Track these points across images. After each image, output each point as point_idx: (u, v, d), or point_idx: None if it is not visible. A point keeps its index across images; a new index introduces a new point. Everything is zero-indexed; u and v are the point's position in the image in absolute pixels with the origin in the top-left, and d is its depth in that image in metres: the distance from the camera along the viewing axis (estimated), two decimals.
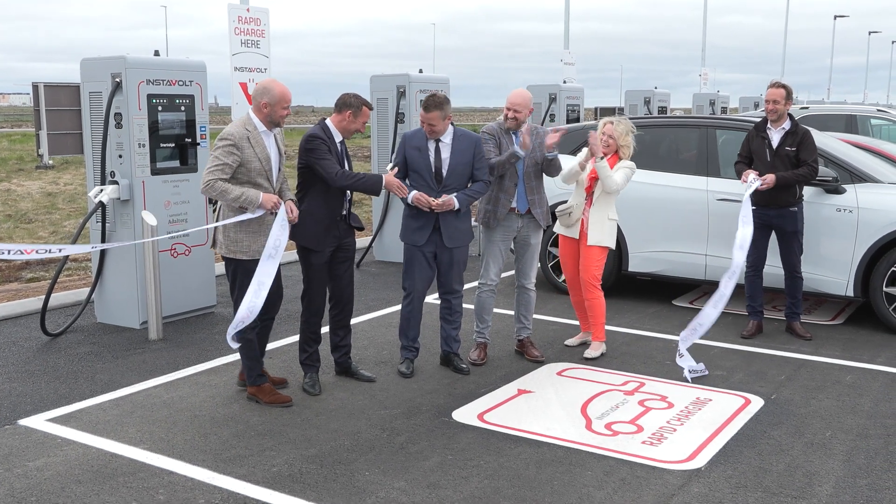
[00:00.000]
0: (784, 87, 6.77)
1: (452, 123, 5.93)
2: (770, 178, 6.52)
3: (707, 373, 6.04)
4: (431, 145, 5.83)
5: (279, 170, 5.37)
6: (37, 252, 5.85)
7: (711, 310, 6.17)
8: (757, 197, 6.62)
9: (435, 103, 5.70)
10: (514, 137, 6.10)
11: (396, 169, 5.68)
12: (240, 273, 5.28)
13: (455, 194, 5.76)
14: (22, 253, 5.44)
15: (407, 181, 5.80)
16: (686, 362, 6.09)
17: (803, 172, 6.62)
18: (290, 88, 5.24)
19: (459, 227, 5.92)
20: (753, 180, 6.55)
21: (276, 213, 5.21)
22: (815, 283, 7.29)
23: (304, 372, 5.78)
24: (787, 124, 6.77)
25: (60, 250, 6.54)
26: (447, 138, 5.85)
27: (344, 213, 5.67)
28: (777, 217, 6.72)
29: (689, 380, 5.96)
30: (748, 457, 4.69)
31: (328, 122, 5.56)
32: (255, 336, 5.33)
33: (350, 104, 5.51)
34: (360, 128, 5.59)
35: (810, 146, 6.69)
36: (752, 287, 7.05)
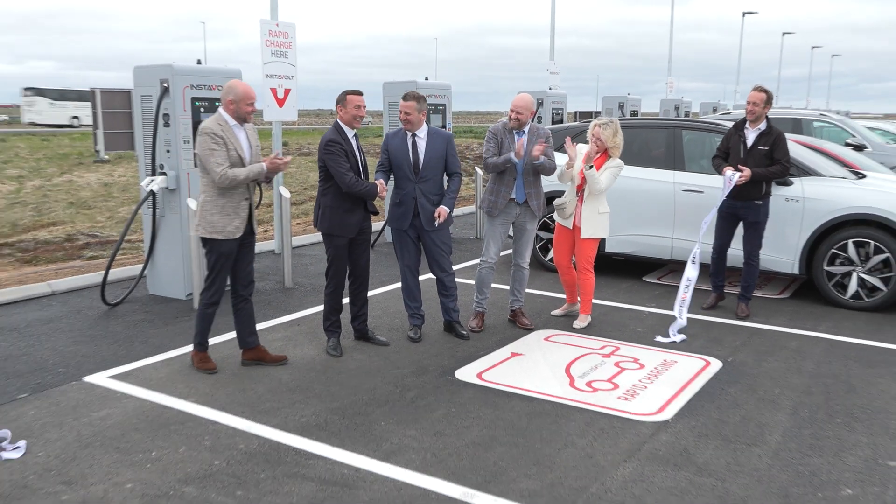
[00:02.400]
0: (765, 91, 6.56)
1: (427, 122, 5.94)
2: (747, 172, 6.39)
3: (679, 341, 6.06)
4: (409, 140, 5.81)
5: (250, 159, 5.16)
6: None
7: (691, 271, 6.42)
8: (730, 190, 6.58)
9: (413, 96, 5.72)
10: (515, 136, 6.08)
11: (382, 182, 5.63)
12: (213, 252, 5.11)
13: (443, 202, 5.83)
14: None
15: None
16: (675, 327, 6.20)
17: (775, 170, 6.51)
18: (313, 94, 5.27)
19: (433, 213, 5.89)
20: (732, 175, 6.43)
21: (275, 171, 5.20)
22: (767, 263, 7.29)
23: (328, 337, 5.78)
24: (763, 125, 6.60)
25: None
26: (422, 134, 5.83)
27: (364, 203, 5.66)
28: (744, 208, 6.65)
29: (672, 334, 6.12)
30: (708, 410, 4.71)
31: (338, 121, 5.56)
32: (213, 312, 5.25)
33: (338, 100, 5.54)
34: (357, 113, 5.52)
35: (783, 146, 6.54)
36: (716, 267, 7.03)
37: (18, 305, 6.92)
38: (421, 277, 6.14)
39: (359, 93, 5.54)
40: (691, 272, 6.37)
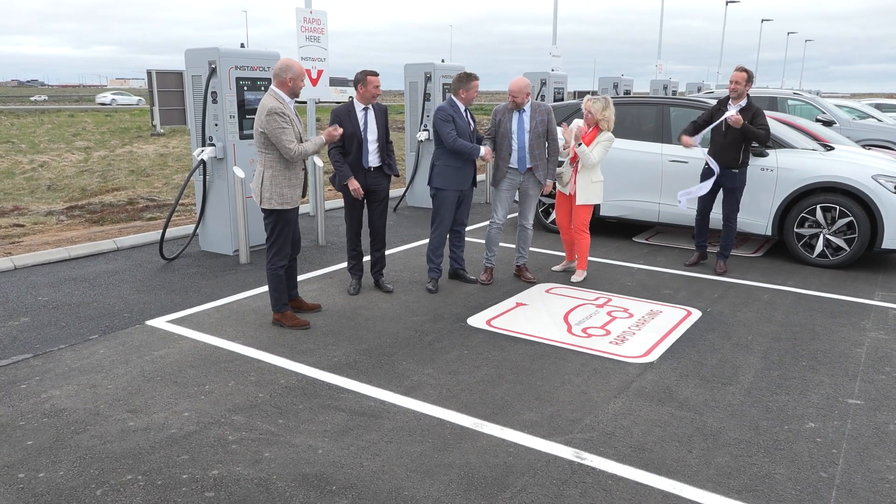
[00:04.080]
0: (746, 71, 6.40)
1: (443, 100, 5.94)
2: (739, 117, 6.24)
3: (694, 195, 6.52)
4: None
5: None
6: None
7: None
8: (713, 156, 6.50)
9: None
10: (515, 115, 5.99)
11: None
12: (280, 221, 4.93)
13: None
14: None
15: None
16: (683, 197, 6.55)
17: (758, 132, 6.33)
18: (340, 76, 5.13)
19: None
20: (728, 114, 6.30)
21: (331, 142, 5.13)
22: (744, 226, 7.21)
23: (350, 277, 5.95)
24: (743, 102, 6.44)
25: None
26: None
27: (369, 166, 5.61)
28: (722, 176, 6.55)
29: (682, 202, 6.56)
30: (689, 354, 4.70)
31: (354, 98, 5.60)
32: (284, 273, 5.08)
33: (358, 80, 5.50)
34: (374, 92, 5.49)
35: (762, 117, 6.41)
36: (699, 228, 6.95)
37: (89, 259, 6.98)
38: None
39: (376, 73, 5.53)
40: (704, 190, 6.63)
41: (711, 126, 6.55)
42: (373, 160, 5.65)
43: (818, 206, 6.88)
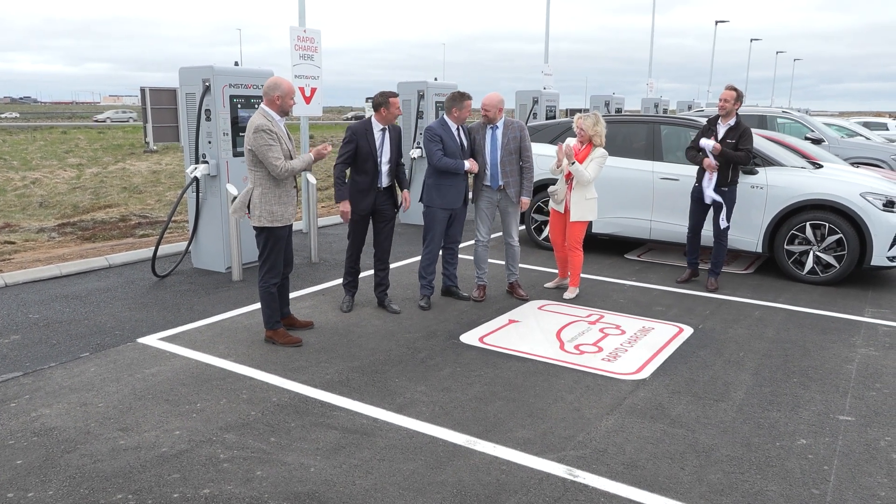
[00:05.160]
0: (736, 90, 6.47)
1: (435, 117, 5.99)
2: (718, 145, 6.37)
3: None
4: (462, 132, 5.91)
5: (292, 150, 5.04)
6: None
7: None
8: (701, 176, 6.55)
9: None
10: (488, 131, 6.01)
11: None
12: (271, 239, 4.91)
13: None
14: None
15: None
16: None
17: (739, 154, 6.40)
18: (335, 93, 5.21)
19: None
20: (706, 143, 6.41)
21: (320, 160, 5.05)
22: (735, 242, 7.26)
23: (345, 293, 5.95)
24: (733, 121, 6.51)
25: None
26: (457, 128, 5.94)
27: (381, 186, 5.65)
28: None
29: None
30: (681, 370, 4.71)
31: (372, 118, 5.59)
32: (276, 290, 5.06)
33: (381, 103, 5.51)
34: (396, 113, 5.56)
35: (748, 138, 6.46)
36: (691, 245, 6.97)
37: (80, 276, 6.96)
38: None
39: (396, 95, 5.59)
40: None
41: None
42: (385, 181, 5.68)
43: (808, 224, 6.94)
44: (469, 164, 5.84)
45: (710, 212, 6.75)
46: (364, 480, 3.28)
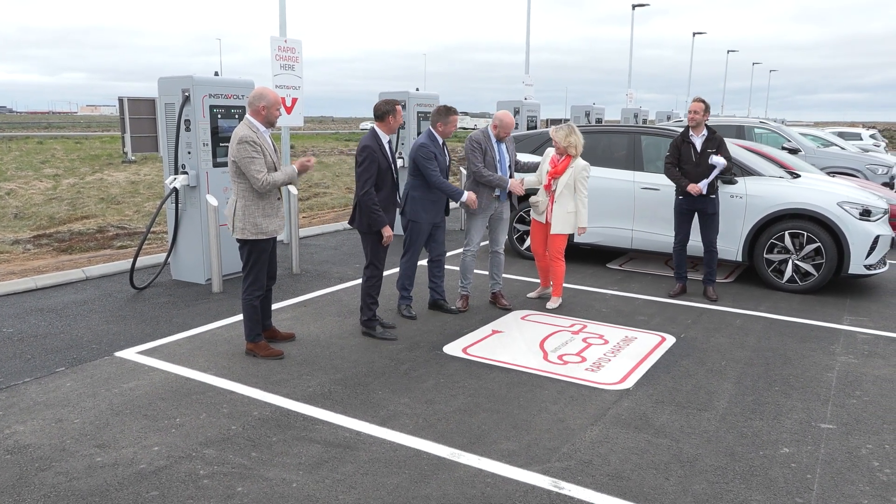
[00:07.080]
0: (703, 102, 6.61)
1: (418, 129, 5.99)
2: (698, 187, 6.50)
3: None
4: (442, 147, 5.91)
5: (276, 162, 4.95)
6: None
7: None
8: (684, 191, 6.60)
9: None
10: (496, 146, 6.08)
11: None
12: (254, 252, 4.86)
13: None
14: None
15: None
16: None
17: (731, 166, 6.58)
18: (316, 104, 5.13)
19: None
20: (717, 161, 6.46)
21: (304, 173, 4.98)
22: None
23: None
24: (705, 132, 6.62)
25: None
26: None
27: (398, 198, 5.56)
28: (699, 202, 6.63)
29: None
30: (664, 380, 4.72)
31: (376, 128, 5.35)
32: (259, 303, 5.02)
33: (387, 111, 5.32)
34: (401, 119, 5.47)
35: (725, 146, 6.63)
36: (679, 258, 6.98)
37: (56, 289, 6.84)
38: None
39: (398, 101, 5.48)
40: None
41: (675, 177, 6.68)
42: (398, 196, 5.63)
43: (786, 233, 7.02)
44: (467, 198, 5.81)
45: (696, 222, 6.77)
46: (347, 495, 3.23)
